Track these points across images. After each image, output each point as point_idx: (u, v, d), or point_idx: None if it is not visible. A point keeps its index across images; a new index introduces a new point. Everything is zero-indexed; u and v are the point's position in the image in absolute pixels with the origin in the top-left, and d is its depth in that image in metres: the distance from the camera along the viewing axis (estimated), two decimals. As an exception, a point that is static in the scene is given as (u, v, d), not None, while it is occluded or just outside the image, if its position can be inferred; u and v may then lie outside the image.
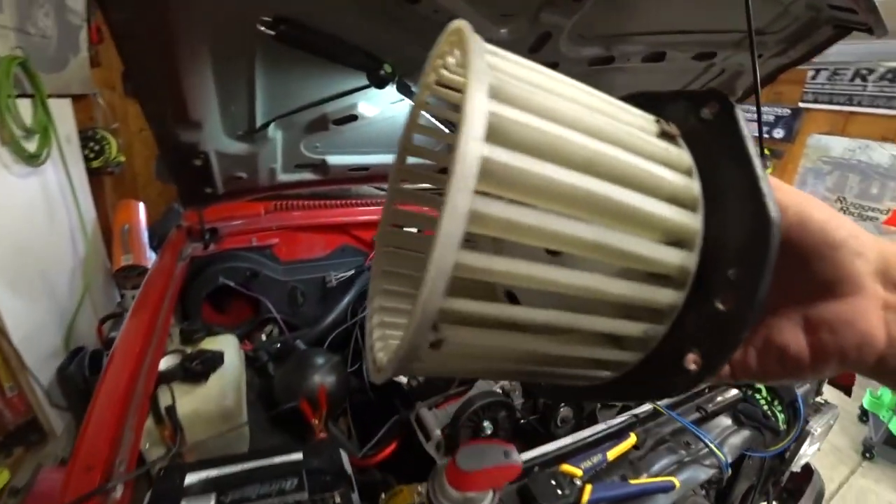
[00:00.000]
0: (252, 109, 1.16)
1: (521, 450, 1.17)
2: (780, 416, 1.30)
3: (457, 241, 0.20)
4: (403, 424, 1.12)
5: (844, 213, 4.68)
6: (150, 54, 0.88)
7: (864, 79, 4.42)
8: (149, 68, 0.91)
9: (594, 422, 1.20)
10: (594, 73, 1.28)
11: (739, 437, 1.19)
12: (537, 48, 1.14)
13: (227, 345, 1.08)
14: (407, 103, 1.28)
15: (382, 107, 1.27)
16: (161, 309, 1.15)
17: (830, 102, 4.67)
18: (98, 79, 2.99)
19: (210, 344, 1.07)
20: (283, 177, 1.48)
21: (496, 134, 0.21)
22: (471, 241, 0.31)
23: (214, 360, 0.97)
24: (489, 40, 0.26)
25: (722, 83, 1.48)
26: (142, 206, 3.38)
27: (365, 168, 1.52)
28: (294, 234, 1.66)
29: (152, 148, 1.62)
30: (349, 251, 1.75)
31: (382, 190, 1.89)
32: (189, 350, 1.02)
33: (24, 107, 2.10)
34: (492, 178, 0.21)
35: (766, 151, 5.19)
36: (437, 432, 1.05)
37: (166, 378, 0.95)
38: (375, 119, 1.30)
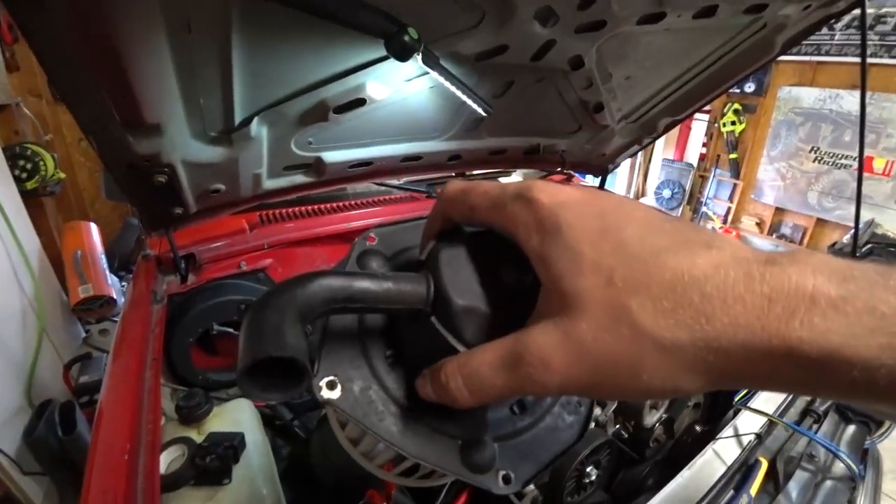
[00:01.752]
0: (228, 101, 0.87)
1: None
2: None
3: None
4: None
5: (819, 163, 4.69)
6: (72, 33, 0.59)
7: (830, 28, 4.34)
8: (73, 56, 0.62)
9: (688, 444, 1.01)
10: (638, 36, 1.13)
11: (855, 434, 1.03)
12: (586, 5, 0.93)
13: (241, 416, 0.83)
14: (426, 80, 1.02)
15: (395, 86, 1.00)
16: (143, 373, 0.88)
17: (799, 53, 4.61)
18: (19, 85, 2.55)
19: (219, 419, 0.81)
20: (269, 183, 1.20)
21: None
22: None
23: (235, 449, 0.72)
24: None
25: (761, 38, 1.30)
26: (93, 226, 2.99)
27: (368, 163, 1.25)
28: (289, 251, 1.38)
29: (97, 158, 1.30)
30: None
31: (385, 186, 1.62)
32: (195, 435, 0.76)
33: (-74, 128, 1.72)
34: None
35: (738, 106, 5.14)
36: (531, 487, 0.83)
37: (173, 484, 0.69)
38: (385, 102, 1.03)
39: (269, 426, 1.02)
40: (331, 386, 0.36)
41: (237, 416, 0.83)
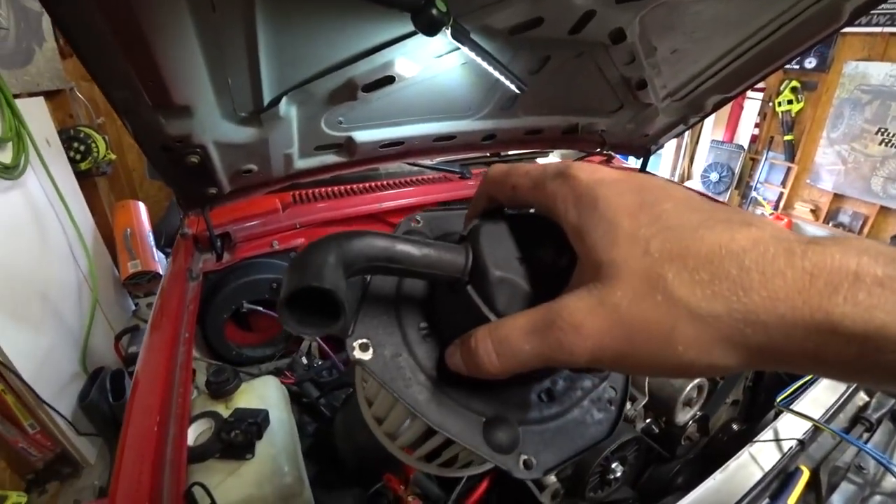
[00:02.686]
0: (256, 81, 0.87)
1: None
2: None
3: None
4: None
5: (886, 145, 4.29)
6: (96, 16, 0.59)
7: (906, -6, 3.92)
8: (99, 38, 0.62)
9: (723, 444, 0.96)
10: (686, 4, 1.07)
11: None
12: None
13: (268, 393, 0.84)
14: (457, 56, 0.98)
15: (425, 62, 0.96)
16: (177, 348, 0.91)
17: (869, 24, 4.19)
18: (73, 70, 2.66)
19: (246, 395, 0.83)
20: (301, 163, 1.20)
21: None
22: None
23: (259, 425, 0.73)
24: None
25: (828, 4, 1.20)
26: (142, 205, 3.14)
27: (399, 142, 1.23)
28: (322, 230, 1.38)
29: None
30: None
31: (418, 166, 1.60)
32: (223, 410, 0.78)
33: (-11, 111, 1.82)
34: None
35: (797, 84, 4.77)
36: (552, 479, 0.81)
37: (200, 456, 0.71)
38: (415, 80, 1.00)
39: (296, 403, 1.04)
40: (364, 348, 0.37)
41: (264, 392, 0.85)
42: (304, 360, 1.19)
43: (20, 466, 2.05)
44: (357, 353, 0.37)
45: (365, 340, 0.38)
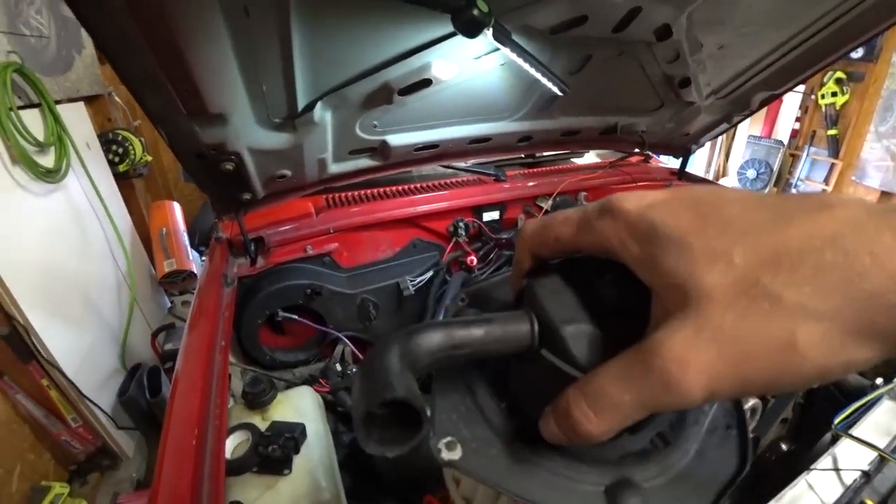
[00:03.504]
0: (291, 87, 0.86)
1: None
2: None
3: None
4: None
5: None
6: (129, 26, 0.58)
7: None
8: (133, 48, 0.61)
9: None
10: None
11: None
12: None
13: (303, 404, 0.83)
14: (496, 57, 0.95)
15: (463, 64, 0.94)
16: (213, 357, 0.91)
17: None
18: (110, 75, 2.73)
19: (282, 406, 0.82)
20: (334, 167, 1.19)
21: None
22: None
23: (296, 440, 0.72)
24: None
25: None
26: (177, 205, 3.21)
27: (434, 145, 1.20)
28: (355, 235, 1.37)
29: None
30: (421, 247, 1.45)
31: (452, 168, 1.57)
32: (259, 421, 0.77)
33: (33, 118, 1.87)
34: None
35: (842, 75, 4.52)
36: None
37: (237, 469, 0.70)
38: (451, 82, 0.97)
39: (331, 411, 1.03)
40: (450, 447, 0.34)
41: (300, 403, 0.84)
42: (338, 367, 1.18)
43: (64, 458, 2.12)
44: (445, 455, 0.34)
45: (450, 439, 0.35)
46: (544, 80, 0.98)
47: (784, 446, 1.01)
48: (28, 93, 1.90)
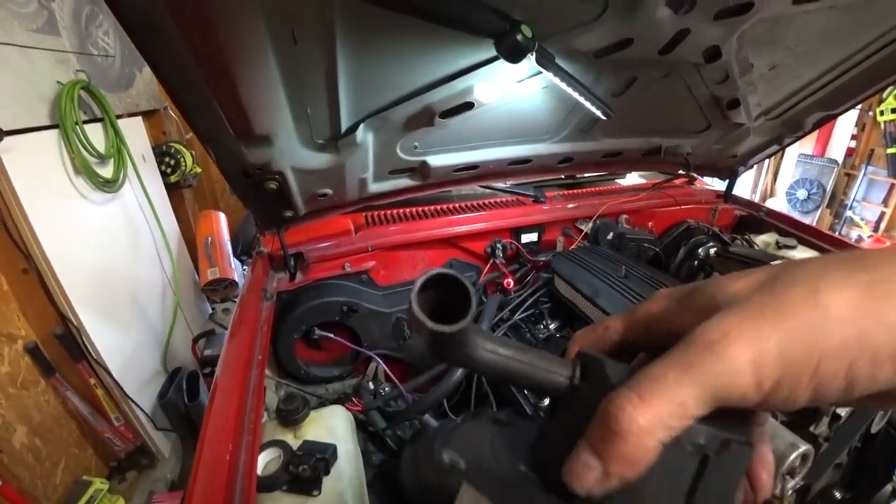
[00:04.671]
0: (335, 109, 0.88)
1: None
2: None
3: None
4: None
5: None
6: (183, 53, 0.61)
7: None
8: (186, 73, 0.64)
9: None
10: (791, 16, 0.98)
11: None
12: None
13: (336, 424, 0.84)
14: (538, 80, 0.94)
15: (504, 87, 0.93)
16: (250, 371, 0.93)
17: None
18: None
19: (315, 425, 0.83)
20: (374, 187, 1.21)
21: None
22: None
23: (327, 461, 0.72)
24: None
25: None
26: (222, 216, 3.33)
27: (474, 166, 1.20)
28: (393, 254, 1.39)
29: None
30: (458, 267, 1.45)
31: (491, 189, 1.56)
32: (291, 439, 0.78)
33: (95, 131, 2.00)
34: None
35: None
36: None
37: (268, 486, 0.71)
38: (493, 105, 0.97)
39: (362, 431, 1.03)
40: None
41: (332, 423, 0.85)
42: (371, 385, 1.18)
43: (105, 455, 2.21)
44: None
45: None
46: (588, 105, 0.96)
47: (838, 494, 0.94)
48: (93, 108, 2.03)
